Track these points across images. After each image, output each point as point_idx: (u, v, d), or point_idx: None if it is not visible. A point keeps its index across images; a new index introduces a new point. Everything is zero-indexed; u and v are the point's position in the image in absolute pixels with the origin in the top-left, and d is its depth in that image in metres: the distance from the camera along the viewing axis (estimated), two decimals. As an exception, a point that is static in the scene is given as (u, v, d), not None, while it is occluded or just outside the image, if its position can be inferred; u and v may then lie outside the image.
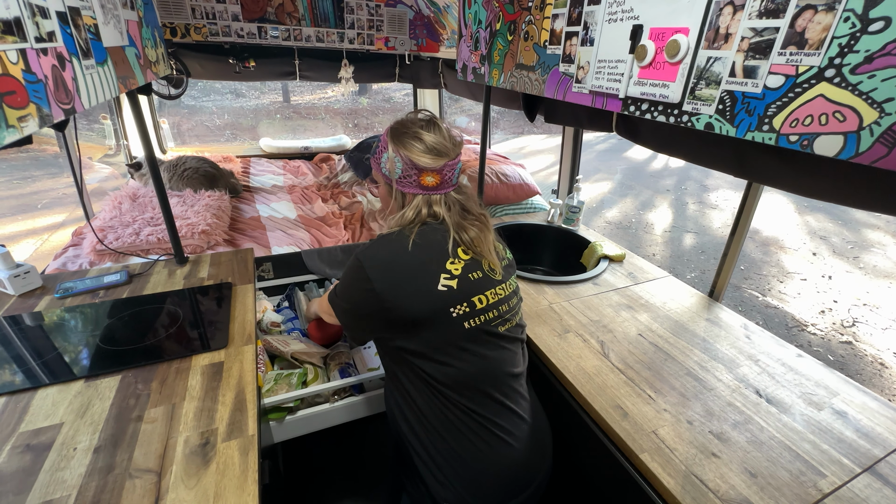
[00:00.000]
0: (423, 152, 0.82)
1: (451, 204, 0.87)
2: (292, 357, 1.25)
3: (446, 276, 0.82)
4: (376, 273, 0.81)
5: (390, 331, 0.83)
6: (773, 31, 0.61)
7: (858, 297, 3.33)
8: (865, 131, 0.54)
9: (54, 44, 0.63)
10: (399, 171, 0.84)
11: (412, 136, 0.83)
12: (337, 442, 1.77)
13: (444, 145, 0.83)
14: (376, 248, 0.84)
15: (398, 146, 0.83)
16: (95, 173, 4.53)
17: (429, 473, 0.85)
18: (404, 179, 0.84)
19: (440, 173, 0.83)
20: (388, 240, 0.84)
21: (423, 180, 0.83)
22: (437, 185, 0.84)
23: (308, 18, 2.39)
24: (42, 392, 0.89)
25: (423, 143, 0.82)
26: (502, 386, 0.86)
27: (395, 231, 0.85)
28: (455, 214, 0.87)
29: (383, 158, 0.86)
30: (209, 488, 0.72)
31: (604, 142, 7.92)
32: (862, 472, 0.81)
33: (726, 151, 0.97)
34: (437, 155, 0.82)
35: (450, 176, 0.86)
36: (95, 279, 1.28)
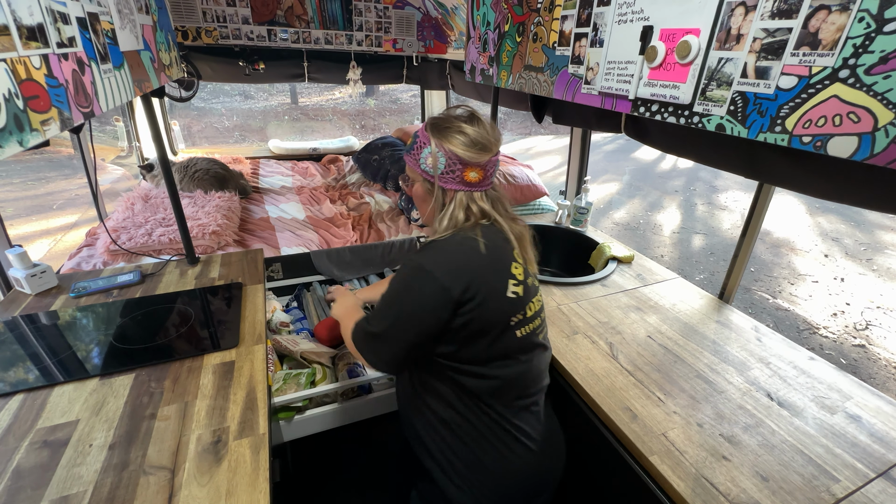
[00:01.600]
0: (468, 146, 0.78)
1: (493, 201, 0.84)
2: (301, 357, 1.26)
3: (514, 283, 0.80)
4: (451, 278, 0.74)
5: (443, 341, 0.78)
6: (786, 31, 0.61)
7: (872, 299, 3.28)
8: (881, 132, 0.53)
9: (74, 49, 0.65)
10: (442, 167, 0.79)
11: (456, 130, 0.79)
12: (346, 441, 1.78)
13: (488, 139, 0.80)
14: (444, 254, 0.77)
15: (441, 140, 0.79)
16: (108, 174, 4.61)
17: (444, 478, 0.85)
18: (447, 175, 0.80)
19: (484, 169, 0.80)
20: (453, 243, 0.78)
21: (466, 176, 0.79)
22: (480, 180, 0.81)
23: (317, 21, 2.41)
24: (58, 389, 0.91)
25: (467, 137, 0.78)
26: (532, 391, 0.86)
27: (452, 234, 0.80)
28: (502, 213, 0.85)
29: (423, 154, 0.81)
30: (221, 486, 0.73)
31: (612, 142, 7.88)
32: (876, 478, 0.80)
33: (736, 152, 0.97)
34: (482, 149, 0.79)
35: (491, 171, 0.82)
36: (109, 279, 1.30)
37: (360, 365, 1.30)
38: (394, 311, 0.78)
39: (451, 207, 0.81)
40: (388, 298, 0.80)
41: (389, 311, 0.79)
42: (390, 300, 0.79)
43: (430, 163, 0.80)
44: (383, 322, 0.79)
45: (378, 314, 0.81)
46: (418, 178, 0.85)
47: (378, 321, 0.80)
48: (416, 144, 0.83)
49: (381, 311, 0.81)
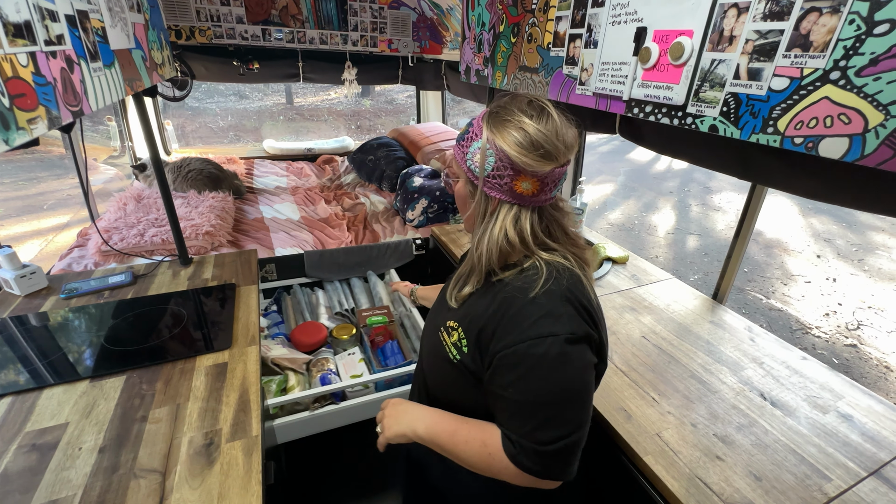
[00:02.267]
0: (524, 149, 0.61)
1: (549, 223, 0.68)
2: (272, 363, 1.25)
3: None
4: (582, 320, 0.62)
5: None
6: (778, 33, 0.61)
7: (863, 299, 3.31)
8: (871, 133, 0.53)
9: (63, 47, 0.64)
10: (489, 168, 0.64)
11: (515, 126, 0.62)
12: (340, 443, 1.77)
13: (555, 144, 0.62)
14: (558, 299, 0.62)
15: (495, 134, 0.63)
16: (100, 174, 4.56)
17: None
18: (493, 180, 0.64)
19: (542, 182, 0.63)
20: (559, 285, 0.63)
21: (517, 186, 0.63)
22: (534, 194, 0.64)
23: (312, 21, 2.40)
24: (48, 392, 0.90)
25: (526, 136, 0.61)
26: None
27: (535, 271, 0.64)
28: (562, 240, 0.69)
29: (472, 147, 0.66)
30: (213, 489, 0.72)
31: (607, 143, 7.91)
32: (868, 476, 0.81)
33: (730, 153, 0.97)
34: (544, 156, 0.61)
35: (552, 186, 0.65)
36: (100, 280, 1.29)
37: (334, 371, 1.26)
38: (564, 411, 0.61)
39: (493, 222, 0.66)
40: (543, 395, 0.60)
41: (557, 411, 0.60)
42: (548, 397, 0.60)
43: (477, 160, 0.65)
44: (560, 428, 0.60)
45: (544, 423, 0.60)
46: (462, 175, 0.71)
47: (547, 430, 0.60)
48: (467, 134, 0.68)
49: (546, 417, 0.60)
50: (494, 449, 0.63)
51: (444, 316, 0.75)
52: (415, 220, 2.08)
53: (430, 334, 0.78)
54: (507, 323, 0.62)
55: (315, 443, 1.62)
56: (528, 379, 0.59)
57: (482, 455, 0.65)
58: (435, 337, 0.75)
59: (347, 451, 1.75)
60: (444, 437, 0.69)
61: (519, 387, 0.60)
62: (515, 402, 0.61)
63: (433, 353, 0.76)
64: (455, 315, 0.72)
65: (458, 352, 0.69)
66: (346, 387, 1.21)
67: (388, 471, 1.66)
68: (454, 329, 0.70)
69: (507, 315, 0.62)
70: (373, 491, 1.59)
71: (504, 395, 0.62)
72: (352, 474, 1.65)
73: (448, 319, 0.73)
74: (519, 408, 0.61)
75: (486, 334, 0.65)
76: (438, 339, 0.74)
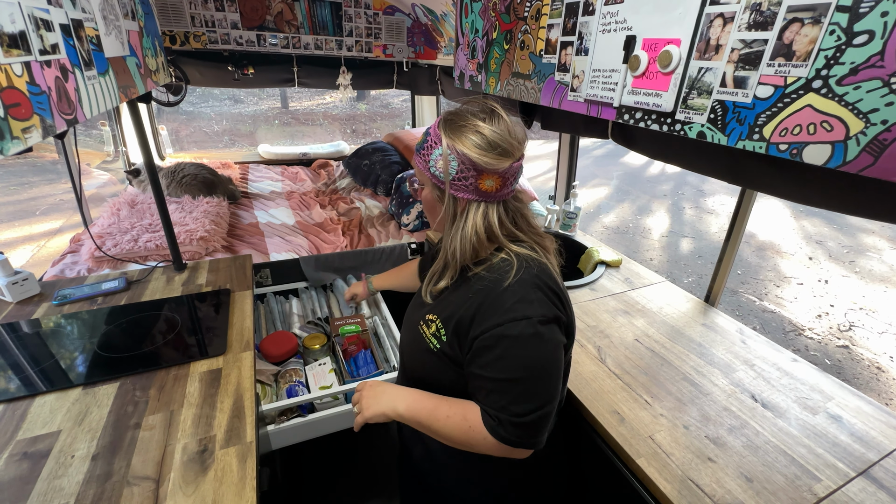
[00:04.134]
0: (483, 149, 0.67)
1: (515, 216, 0.75)
2: None
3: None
4: (552, 305, 0.68)
5: None
6: (762, 42, 0.63)
7: (855, 301, 3.35)
8: (852, 141, 0.55)
9: (58, 56, 0.64)
10: (454, 172, 0.69)
11: (471, 130, 0.68)
12: (335, 448, 1.76)
13: (509, 142, 0.69)
14: (529, 287, 0.68)
15: (454, 140, 0.68)
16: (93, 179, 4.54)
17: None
18: (458, 182, 0.69)
19: (502, 177, 0.69)
20: (529, 273, 0.69)
21: (481, 184, 0.69)
22: (497, 190, 0.70)
23: (307, 26, 2.41)
24: (40, 399, 0.89)
25: (483, 138, 0.67)
26: None
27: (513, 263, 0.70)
28: (526, 230, 0.76)
29: (433, 155, 0.71)
30: (207, 495, 0.72)
31: (601, 147, 7.97)
32: (857, 476, 0.82)
33: (720, 159, 0.99)
34: (501, 154, 0.68)
35: (512, 180, 0.72)
36: (93, 286, 1.28)
37: (303, 383, 1.24)
38: (536, 384, 0.66)
39: (462, 222, 0.71)
40: (518, 371, 0.65)
41: (531, 385, 0.66)
42: (522, 372, 0.65)
43: (440, 166, 0.70)
44: (533, 400, 0.66)
45: (519, 396, 0.66)
46: (427, 182, 0.75)
47: (522, 402, 0.66)
48: (426, 143, 0.72)
49: (522, 390, 0.66)
50: (474, 423, 0.69)
51: (422, 311, 0.80)
52: (410, 224, 2.08)
53: (410, 329, 0.84)
54: (484, 311, 0.68)
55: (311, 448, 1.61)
56: (505, 358, 0.66)
57: (462, 429, 0.70)
58: (415, 331, 0.81)
59: (343, 456, 1.74)
60: (424, 414, 0.74)
61: (497, 365, 0.66)
62: (494, 380, 0.67)
63: (413, 347, 0.81)
64: (432, 309, 0.78)
65: (437, 341, 0.75)
66: (313, 399, 1.17)
67: (384, 475, 1.65)
68: (432, 321, 0.76)
69: (485, 304, 0.68)
70: (369, 495, 1.59)
71: (483, 374, 0.68)
72: (348, 479, 1.65)
73: (426, 313, 0.79)
74: (497, 385, 0.67)
75: (465, 323, 0.70)
76: (418, 332, 0.79)
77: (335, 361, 1.34)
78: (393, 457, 1.73)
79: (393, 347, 1.41)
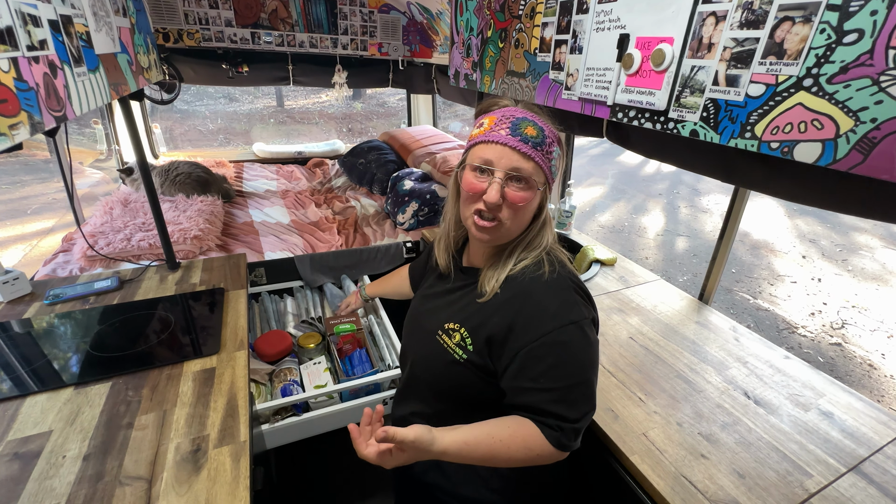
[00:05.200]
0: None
1: None
2: None
3: None
4: (589, 305, 0.71)
5: None
6: (754, 41, 0.63)
7: (847, 299, 3.38)
8: (842, 139, 0.55)
9: (46, 52, 0.63)
10: (556, 175, 0.71)
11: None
12: (330, 447, 1.76)
13: None
14: (567, 290, 0.68)
15: (560, 146, 0.71)
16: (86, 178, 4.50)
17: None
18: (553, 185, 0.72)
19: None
20: (563, 272, 0.70)
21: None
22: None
23: (301, 24, 2.40)
24: (31, 400, 0.88)
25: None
26: None
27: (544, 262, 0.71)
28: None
29: (555, 154, 0.69)
30: (200, 495, 0.72)
31: (597, 147, 7.99)
32: (847, 472, 0.83)
33: (713, 158, 0.99)
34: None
35: None
36: (86, 285, 1.27)
37: (297, 382, 1.23)
38: (591, 385, 0.66)
39: (541, 220, 0.74)
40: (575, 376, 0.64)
41: (587, 388, 0.66)
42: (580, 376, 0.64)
43: (558, 164, 0.71)
44: (586, 403, 0.65)
45: (576, 401, 0.64)
46: (542, 182, 0.69)
47: (579, 407, 0.65)
48: (546, 139, 0.67)
49: (579, 395, 0.65)
50: (532, 440, 0.64)
51: (438, 320, 0.76)
52: (405, 223, 2.08)
53: (424, 342, 0.78)
54: (526, 319, 0.65)
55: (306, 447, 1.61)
56: (559, 366, 0.63)
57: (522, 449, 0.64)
58: (432, 343, 0.75)
59: (339, 455, 1.74)
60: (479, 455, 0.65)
61: (552, 375, 0.63)
62: (549, 391, 0.63)
63: (432, 359, 0.76)
64: (451, 317, 0.74)
65: (463, 351, 0.71)
66: (307, 398, 1.17)
67: (379, 474, 1.65)
68: (455, 330, 0.72)
69: (524, 311, 0.66)
70: (364, 494, 1.59)
71: (535, 387, 0.64)
72: (344, 478, 1.65)
73: (444, 322, 0.74)
74: (553, 395, 0.63)
75: (500, 332, 0.67)
76: (437, 343, 0.74)
77: (330, 360, 1.34)
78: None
79: (388, 346, 1.41)
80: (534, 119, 0.69)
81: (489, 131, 0.68)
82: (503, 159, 0.66)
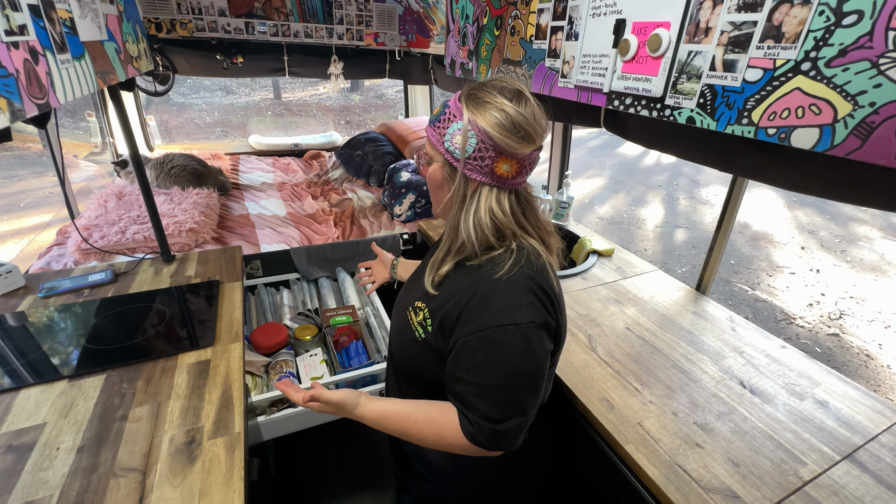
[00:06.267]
0: (506, 130, 0.62)
1: (524, 206, 0.70)
2: None
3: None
4: (544, 310, 0.65)
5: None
6: (752, 24, 0.62)
7: (845, 290, 3.38)
8: (840, 124, 0.54)
9: (26, 37, 0.62)
10: (471, 149, 0.63)
11: (495, 107, 0.62)
12: (329, 439, 1.77)
13: (533, 127, 0.63)
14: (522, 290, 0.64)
15: (476, 115, 0.63)
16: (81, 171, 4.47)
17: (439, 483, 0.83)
18: (474, 162, 0.64)
19: (520, 163, 0.65)
20: (523, 274, 0.64)
21: (497, 167, 0.64)
22: (512, 176, 0.65)
23: (296, 14, 2.36)
24: (25, 392, 0.88)
25: (507, 118, 0.62)
26: None
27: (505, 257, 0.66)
28: (535, 225, 0.71)
29: (450, 129, 0.65)
30: (194, 486, 0.72)
31: (596, 138, 7.94)
32: (842, 460, 0.83)
33: (710, 146, 0.97)
34: (524, 138, 0.63)
35: (528, 169, 0.68)
36: (80, 278, 1.26)
37: (293, 374, 1.23)
38: (520, 393, 0.64)
39: (475, 205, 0.66)
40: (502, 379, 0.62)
41: (514, 393, 0.64)
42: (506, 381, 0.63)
43: (457, 141, 0.65)
44: (513, 408, 0.64)
45: (501, 403, 0.63)
46: (439, 157, 0.69)
47: (504, 410, 0.63)
48: (443, 115, 0.67)
49: (504, 399, 0.63)
50: (448, 426, 0.67)
51: (413, 296, 0.77)
52: (402, 215, 2.07)
53: (399, 314, 0.80)
54: (472, 309, 0.64)
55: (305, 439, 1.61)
56: (489, 364, 0.62)
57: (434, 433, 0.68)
58: (403, 317, 0.77)
59: (337, 446, 1.75)
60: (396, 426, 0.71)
61: (480, 371, 0.63)
62: (475, 385, 0.63)
63: (400, 332, 0.78)
64: (422, 296, 0.74)
65: (423, 330, 0.72)
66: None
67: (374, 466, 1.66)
68: (420, 309, 0.73)
69: (472, 301, 0.65)
70: (364, 485, 1.60)
71: (464, 377, 0.64)
72: (342, 468, 1.65)
73: (416, 300, 0.75)
74: (478, 390, 0.63)
75: (451, 318, 0.67)
76: (406, 318, 0.76)
77: (326, 352, 1.34)
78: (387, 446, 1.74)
79: (384, 338, 1.40)
80: (450, 98, 0.69)
81: None
82: None
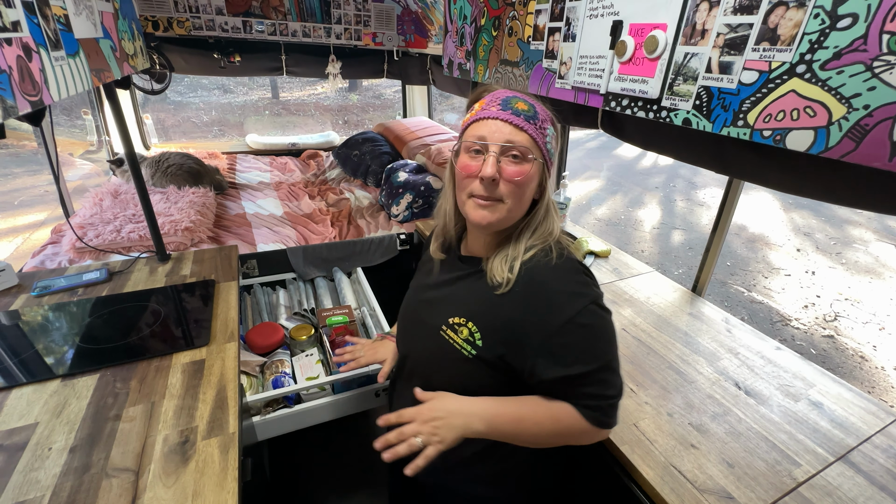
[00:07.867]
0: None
1: None
2: None
3: None
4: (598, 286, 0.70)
5: None
6: (747, 27, 0.62)
7: (840, 292, 3.40)
8: (834, 126, 0.54)
9: (19, 34, 0.61)
10: (554, 155, 0.70)
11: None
12: (324, 440, 1.76)
13: None
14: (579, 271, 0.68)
15: (554, 126, 0.70)
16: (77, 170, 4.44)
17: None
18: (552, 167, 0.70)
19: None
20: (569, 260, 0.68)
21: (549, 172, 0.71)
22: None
23: (294, 13, 2.36)
24: (17, 392, 0.87)
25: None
26: None
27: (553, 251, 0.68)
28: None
29: (549, 132, 0.68)
30: (188, 486, 0.71)
31: (593, 139, 7.96)
32: (835, 461, 0.83)
33: (707, 148, 0.98)
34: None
35: None
36: (74, 277, 1.25)
37: (289, 374, 1.22)
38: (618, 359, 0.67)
39: (544, 204, 0.70)
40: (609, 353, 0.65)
41: (616, 363, 0.66)
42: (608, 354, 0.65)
43: (554, 145, 0.69)
44: (618, 375, 0.66)
45: (608, 379, 0.65)
46: (538, 156, 0.66)
47: (613, 383, 0.65)
48: (538, 116, 0.66)
49: (610, 373, 0.65)
50: (569, 422, 0.65)
51: (440, 315, 0.73)
52: (399, 215, 2.07)
53: (427, 339, 0.75)
54: (543, 308, 0.64)
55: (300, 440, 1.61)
56: (588, 349, 0.63)
57: (555, 431, 0.66)
58: (436, 339, 0.72)
59: (333, 446, 1.74)
60: (508, 428, 0.66)
61: (584, 358, 0.63)
62: (585, 374, 0.63)
63: (438, 356, 0.73)
64: (457, 311, 0.70)
65: (472, 347, 0.68)
66: (299, 389, 1.16)
67: (373, 465, 1.66)
68: (461, 325, 0.69)
69: (538, 300, 0.64)
70: (358, 485, 1.59)
71: (570, 373, 0.63)
72: (337, 469, 1.65)
73: (449, 317, 0.71)
74: (590, 377, 0.63)
75: (515, 324, 0.65)
76: (443, 340, 0.71)
77: (322, 352, 1.33)
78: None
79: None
80: (524, 97, 0.68)
81: (480, 111, 0.67)
82: (496, 133, 0.64)
